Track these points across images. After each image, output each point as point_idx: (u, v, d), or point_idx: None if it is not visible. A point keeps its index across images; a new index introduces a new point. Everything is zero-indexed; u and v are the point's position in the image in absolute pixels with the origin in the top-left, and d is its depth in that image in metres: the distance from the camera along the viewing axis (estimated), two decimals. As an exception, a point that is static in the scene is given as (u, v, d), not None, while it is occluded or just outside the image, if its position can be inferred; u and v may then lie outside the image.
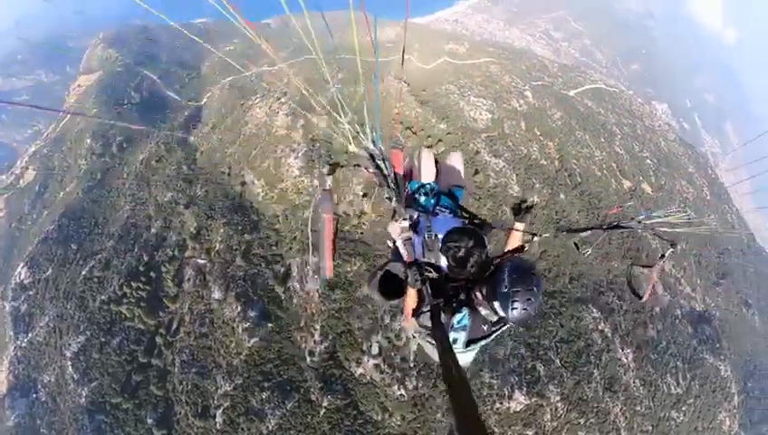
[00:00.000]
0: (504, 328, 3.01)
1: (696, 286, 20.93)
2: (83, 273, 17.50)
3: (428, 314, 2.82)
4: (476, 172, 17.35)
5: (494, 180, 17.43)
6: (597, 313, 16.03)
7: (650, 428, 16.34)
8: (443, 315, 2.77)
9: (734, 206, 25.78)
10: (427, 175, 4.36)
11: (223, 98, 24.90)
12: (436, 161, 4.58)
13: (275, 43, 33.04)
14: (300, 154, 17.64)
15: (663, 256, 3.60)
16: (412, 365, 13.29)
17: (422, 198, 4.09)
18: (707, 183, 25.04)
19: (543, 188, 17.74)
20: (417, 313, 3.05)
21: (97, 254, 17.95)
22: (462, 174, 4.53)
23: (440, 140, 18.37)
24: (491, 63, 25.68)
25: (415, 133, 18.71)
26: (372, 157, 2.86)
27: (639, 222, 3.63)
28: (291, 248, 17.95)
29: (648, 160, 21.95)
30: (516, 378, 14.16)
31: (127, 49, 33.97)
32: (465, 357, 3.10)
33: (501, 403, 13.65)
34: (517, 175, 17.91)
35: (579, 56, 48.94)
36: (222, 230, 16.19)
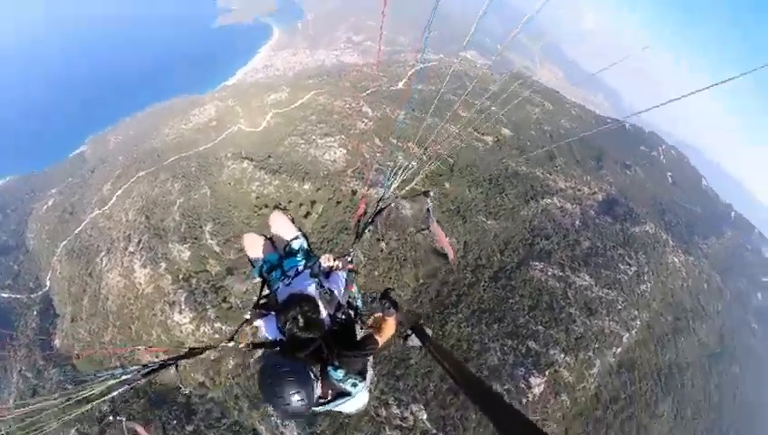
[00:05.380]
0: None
1: (589, 182, 23.10)
2: None
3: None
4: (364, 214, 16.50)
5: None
6: (539, 263, 16.42)
7: (635, 312, 17.71)
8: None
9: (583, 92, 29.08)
10: (254, 253, 4.40)
11: (65, 272, 20.60)
12: (265, 236, 4.58)
13: (98, 177, 29.15)
14: (182, 304, 15.09)
15: (428, 210, 3.53)
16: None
17: (272, 275, 4.16)
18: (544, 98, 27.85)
19: (432, 188, 17.70)
20: None
21: None
22: (288, 227, 4.51)
23: (314, 202, 17.22)
24: (317, 95, 25.35)
25: (285, 209, 17.28)
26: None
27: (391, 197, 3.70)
28: (241, 410, 15.37)
29: (494, 107, 23.59)
30: (522, 369, 14.13)
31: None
32: None
33: (526, 396, 13.37)
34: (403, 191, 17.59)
35: (386, 48, 52.05)
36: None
